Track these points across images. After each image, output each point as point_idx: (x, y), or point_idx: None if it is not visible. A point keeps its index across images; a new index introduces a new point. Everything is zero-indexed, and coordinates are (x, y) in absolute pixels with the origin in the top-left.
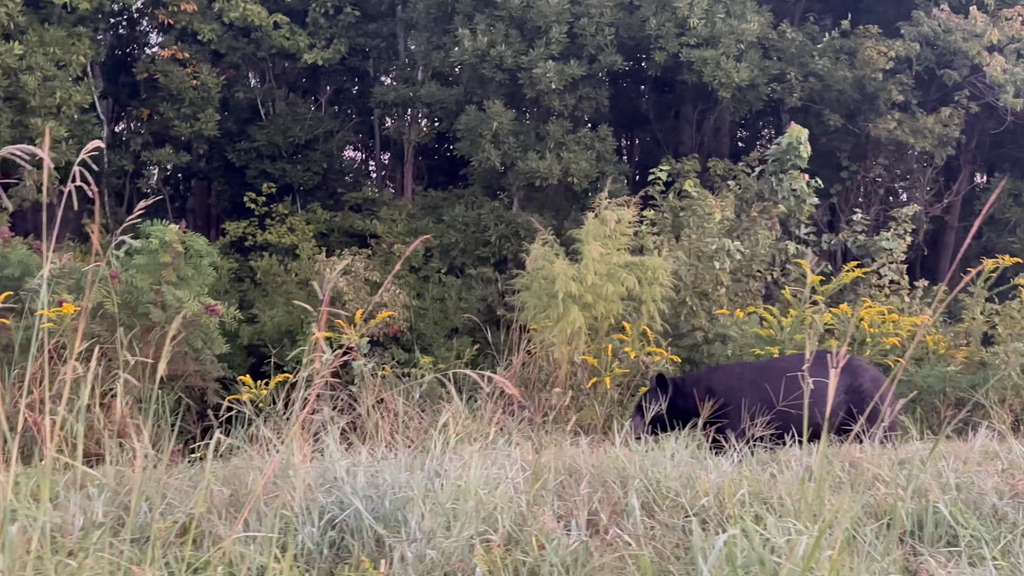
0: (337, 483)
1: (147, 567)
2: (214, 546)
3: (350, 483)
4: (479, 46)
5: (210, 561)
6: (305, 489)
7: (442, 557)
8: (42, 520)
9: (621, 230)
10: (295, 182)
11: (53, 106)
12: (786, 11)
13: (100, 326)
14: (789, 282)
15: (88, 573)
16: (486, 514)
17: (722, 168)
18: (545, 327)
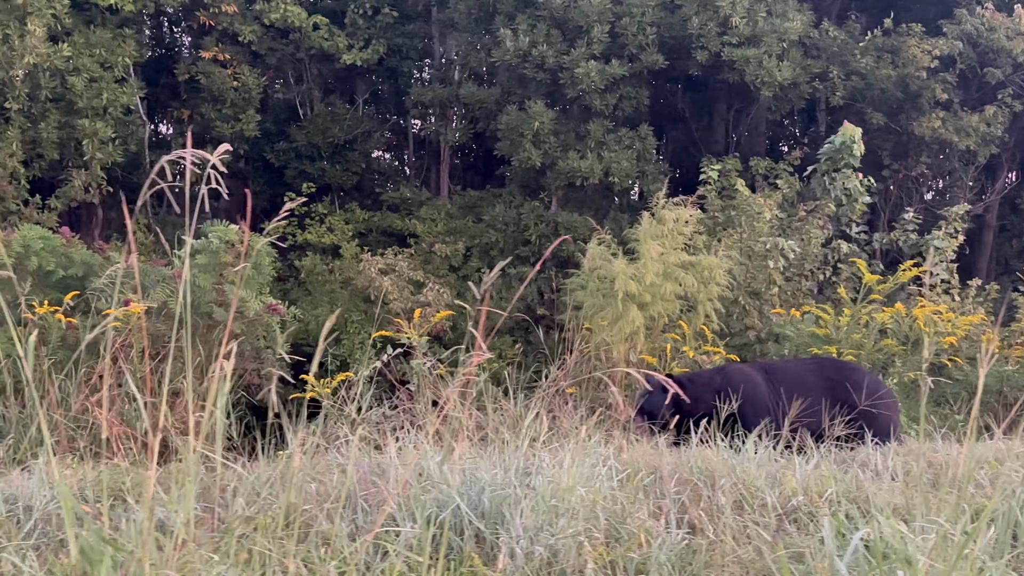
0: (431, 480)
1: (290, 560)
2: (321, 541)
3: (445, 480)
4: (521, 46)
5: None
6: (403, 486)
7: (550, 554)
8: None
9: (679, 229)
10: (334, 182)
11: (100, 107)
12: (824, 9)
13: (164, 325)
14: (840, 281)
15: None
16: (585, 511)
17: (763, 167)
18: (601, 326)
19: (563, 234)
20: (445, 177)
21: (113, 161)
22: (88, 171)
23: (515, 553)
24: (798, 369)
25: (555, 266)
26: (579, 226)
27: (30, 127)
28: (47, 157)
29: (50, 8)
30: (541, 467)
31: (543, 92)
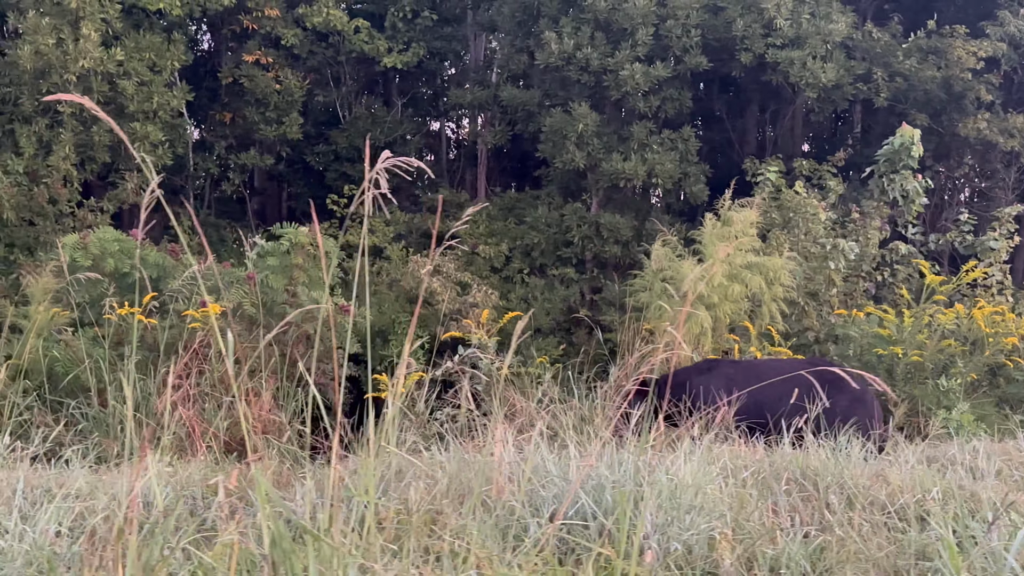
0: (549, 477)
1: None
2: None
3: (563, 477)
4: (566, 48)
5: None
6: (525, 483)
7: (684, 550)
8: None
9: (744, 231)
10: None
11: (150, 110)
12: (862, 11)
13: (239, 326)
14: (897, 282)
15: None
16: (708, 508)
17: (807, 168)
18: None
19: (606, 236)
20: (482, 179)
21: (163, 164)
22: (139, 174)
23: (654, 549)
24: (780, 367)
25: (595, 267)
26: (622, 228)
27: (82, 130)
28: (98, 160)
29: (102, 13)
30: (653, 465)
31: (586, 95)
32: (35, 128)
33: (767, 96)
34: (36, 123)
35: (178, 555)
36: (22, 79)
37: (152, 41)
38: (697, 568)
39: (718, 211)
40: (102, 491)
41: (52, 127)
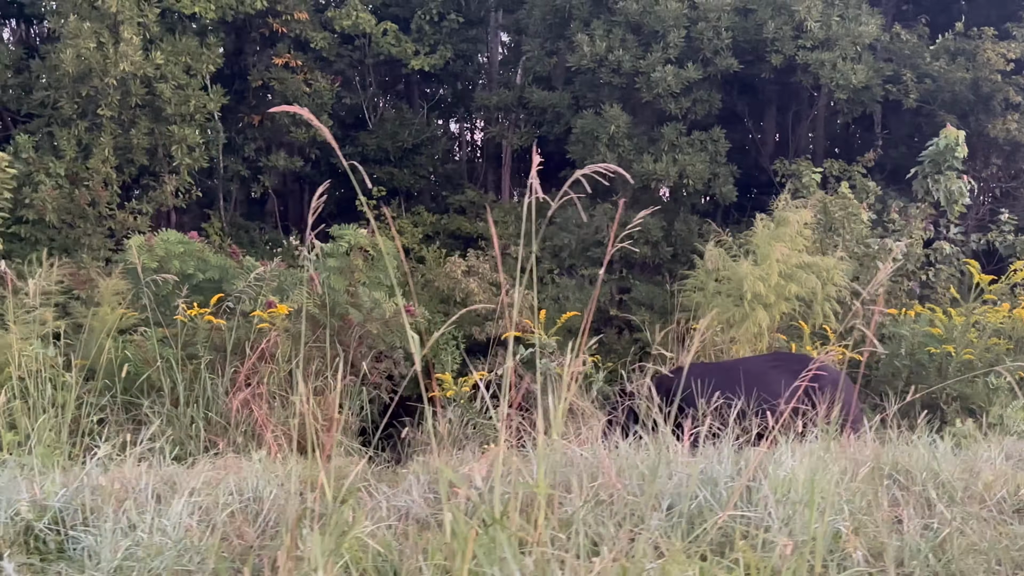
0: (661, 472)
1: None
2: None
3: (678, 472)
4: (598, 51)
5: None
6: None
7: (811, 542)
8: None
9: (799, 231)
10: (402, 186)
11: (187, 113)
12: (888, 12)
13: (303, 326)
14: (939, 281)
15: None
16: (825, 502)
17: (837, 169)
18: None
19: (636, 236)
20: (507, 180)
21: (199, 167)
22: (177, 176)
23: (768, 542)
24: (761, 365)
25: (623, 267)
26: (652, 228)
27: (121, 133)
28: (137, 162)
29: (140, 17)
30: (761, 461)
31: (616, 96)
32: (74, 131)
33: (787, 97)
34: (75, 126)
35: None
36: (61, 82)
37: (188, 45)
38: (830, 561)
39: (771, 211)
40: (222, 486)
41: (91, 130)
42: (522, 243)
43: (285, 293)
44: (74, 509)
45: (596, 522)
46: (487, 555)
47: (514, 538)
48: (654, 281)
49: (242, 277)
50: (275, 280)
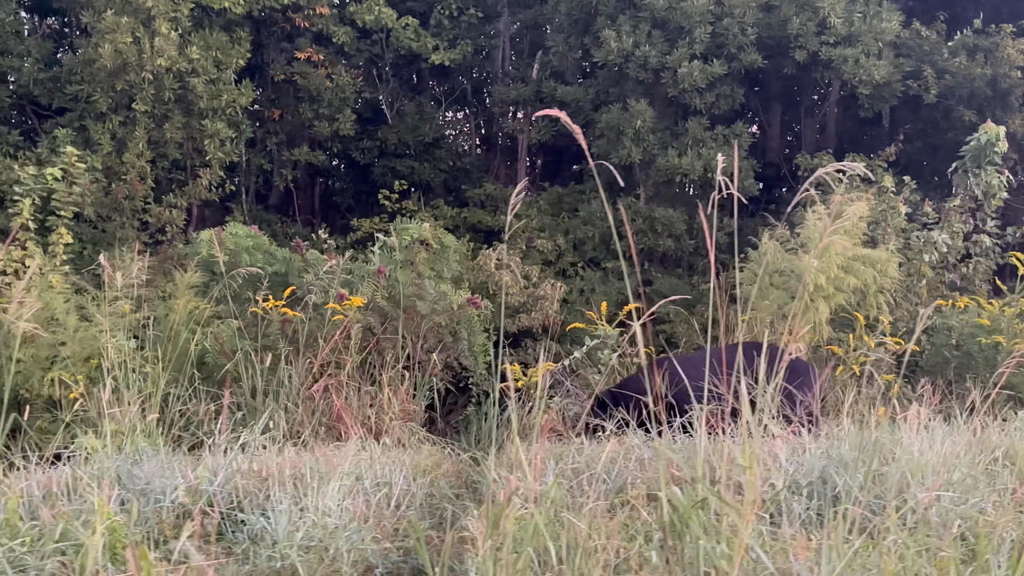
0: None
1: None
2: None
3: (807, 459)
4: (624, 46)
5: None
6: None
7: (962, 520)
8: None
9: (855, 224)
10: (422, 179)
11: (219, 108)
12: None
13: (372, 318)
14: (978, 274)
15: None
16: (960, 484)
17: (858, 163)
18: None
19: (659, 230)
20: (522, 174)
21: (231, 161)
22: (209, 170)
23: (930, 520)
24: (732, 354)
25: (645, 261)
26: (675, 222)
27: (154, 127)
28: (169, 156)
29: (174, 11)
30: (881, 444)
31: (640, 91)
32: (108, 125)
33: (796, 93)
34: (110, 120)
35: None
36: (96, 76)
37: (219, 39)
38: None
39: (801, 204)
40: (366, 471)
41: (125, 124)
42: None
43: (354, 286)
44: (227, 493)
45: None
46: (706, 530)
47: (730, 513)
48: (676, 274)
49: (310, 270)
50: (344, 273)
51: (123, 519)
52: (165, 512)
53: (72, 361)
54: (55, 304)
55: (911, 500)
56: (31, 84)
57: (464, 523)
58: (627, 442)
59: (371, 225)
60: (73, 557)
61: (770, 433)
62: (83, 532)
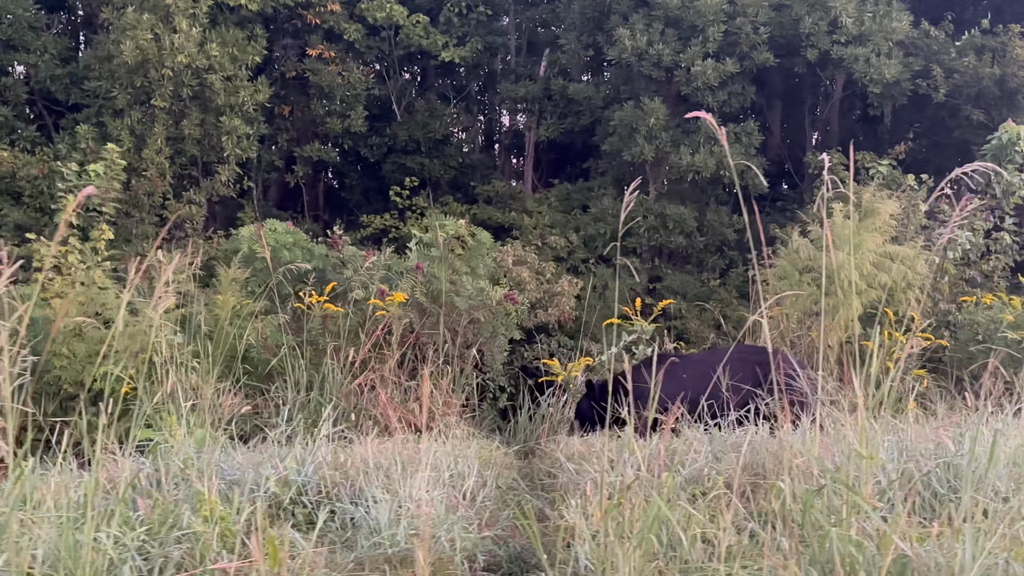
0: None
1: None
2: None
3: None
4: (638, 44)
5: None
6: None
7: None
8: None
9: (886, 222)
10: (432, 176)
11: (236, 104)
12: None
13: (412, 314)
14: (997, 271)
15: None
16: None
17: (868, 161)
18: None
19: (671, 227)
20: (529, 171)
21: (247, 157)
22: (226, 166)
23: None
24: (719, 357)
25: (655, 257)
26: (687, 219)
27: (172, 124)
28: (187, 153)
29: (193, 8)
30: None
31: (652, 89)
32: (127, 122)
33: (799, 91)
34: (129, 116)
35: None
36: (115, 73)
37: (235, 36)
38: None
39: (813, 201)
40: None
41: (143, 120)
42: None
43: (392, 282)
44: (314, 484)
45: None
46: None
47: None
48: (686, 271)
49: (349, 266)
50: (382, 270)
51: (226, 508)
52: (260, 502)
53: (123, 356)
54: (105, 299)
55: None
56: (48, 80)
57: (551, 511)
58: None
59: (381, 222)
60: (188, 545)
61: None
62: (194, 520)
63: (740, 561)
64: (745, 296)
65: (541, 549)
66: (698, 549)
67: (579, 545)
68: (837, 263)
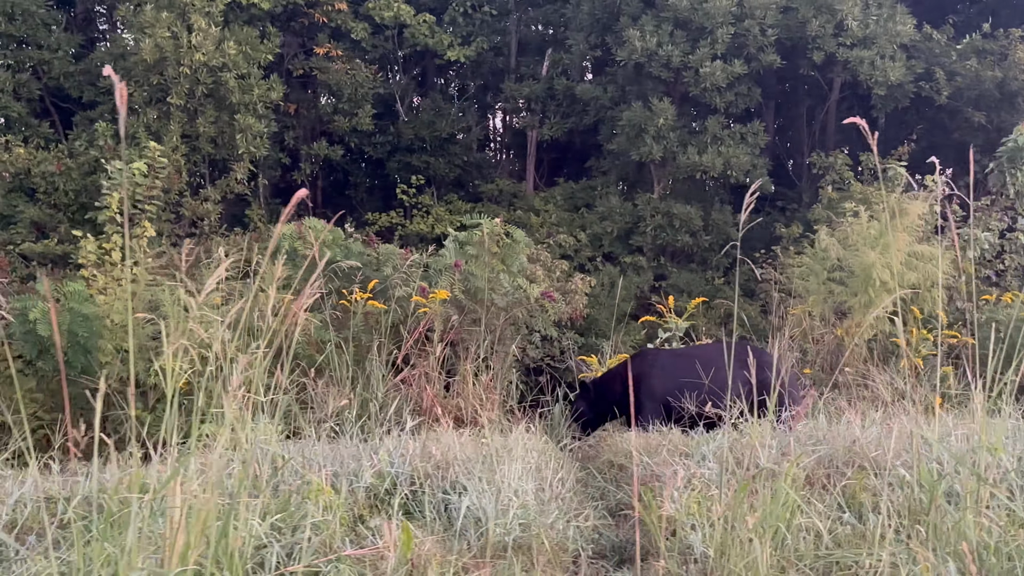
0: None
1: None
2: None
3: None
4: (648, 45)
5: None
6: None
7: None
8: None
9: (914, 222)
10: (437, 175)
11: (250, 102)
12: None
13: (451, 310)
14: (1010, 270)
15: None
16: None
17: (873, 161)
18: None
19: (677, 225)
20: (531, 169)
21: (261, 155)
22: (242, 164)
23: None
24: (708, 352)
25: (660, 255)
26: (693, 218)
27: (187, 121)
28: (202, 150)
29: (208, 7)
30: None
31: (660, 90)
32: (143, 119)
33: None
34: (144, 114)
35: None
36: (132, 71)
37: (249, 34)
38: None
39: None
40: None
41: (159, 118)
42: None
43: (431, 279)
44: (406, 474)
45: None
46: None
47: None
48: (690, 269)
49: (388, 264)
50: (421, 267)
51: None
52: (360, 492)
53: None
54: (158, 295)
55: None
56: (61, 77)
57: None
58: (755, 431)
59: (387, 219)
60: (308, 534)
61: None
62: (314, 509)
63: (852, 548)
64: (750, 294)
65: (661, 537)
66: (809, 539)
67: (692, 534)
68: (869, 262)
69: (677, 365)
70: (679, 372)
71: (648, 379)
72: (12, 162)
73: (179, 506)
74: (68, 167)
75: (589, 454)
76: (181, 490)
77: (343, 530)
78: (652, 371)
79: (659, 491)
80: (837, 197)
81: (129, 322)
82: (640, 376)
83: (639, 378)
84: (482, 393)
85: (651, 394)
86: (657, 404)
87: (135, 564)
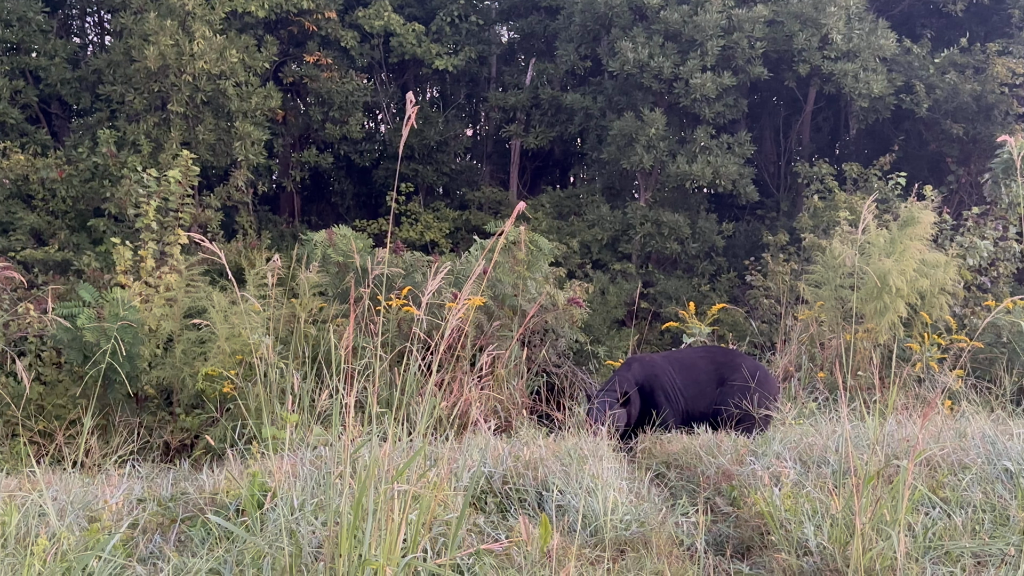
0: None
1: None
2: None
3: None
4: (640, 57)
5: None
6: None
7: None
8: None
9: (925, 229)
10: (425, 182)
11: (248, 110)
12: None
13: (481, 316)
14: (1003, 277)
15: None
16: None
17: (856, 171)
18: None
19: (666, 233)
20: (515, 178)
21: (259, 163)
22: (241, 171)
23: None
24: (692, 357)
25: (647, 263)
26: (682, 226)
27: (187, 128)
28: (201, 158)
29: (209, 15)
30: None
31: (650, 100)
32: (143, 127)
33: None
34: (145, 121)
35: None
36: (132, 78)
37: (246, 42)
38: None
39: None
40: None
41: (159, 126)
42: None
43: (458, 286)
44: (499, 474)
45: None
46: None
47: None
48: (676, 276)
49: (418, 270)
50: (451, 274)
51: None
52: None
53: (221, 358)
54: (205, 303)
55: None
56: (58, 84)
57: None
58: (821, 430)
59: (376, 227)
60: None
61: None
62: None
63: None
64: (735, 300)
65: (777, 526)
66: (935, 530)
67: (804, 526)
68: (884, 269)
69: (678, 368)
70: (684, 375)
71: (661, 382)
72: (11, 168)
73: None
74: (69, 174)
75: (641, 457)
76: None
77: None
78: (663, 375)
79: (740, 487)
80: (822, 206)
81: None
82: (653, 381)
83: (653, 382)
84: (517, 397)
85: (668, 397)
86: (677, 406)
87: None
